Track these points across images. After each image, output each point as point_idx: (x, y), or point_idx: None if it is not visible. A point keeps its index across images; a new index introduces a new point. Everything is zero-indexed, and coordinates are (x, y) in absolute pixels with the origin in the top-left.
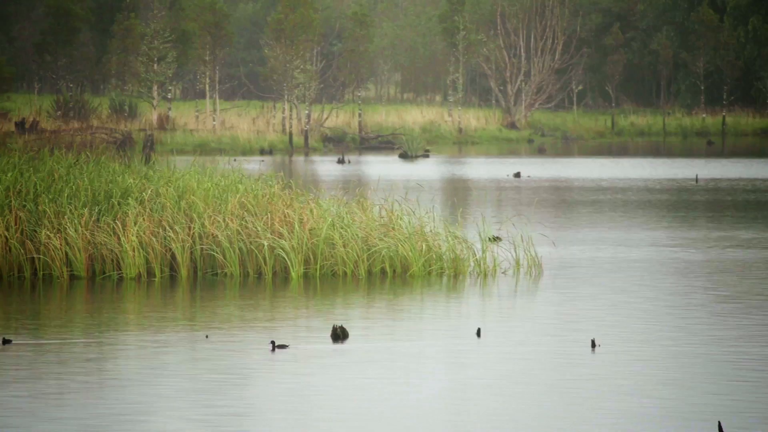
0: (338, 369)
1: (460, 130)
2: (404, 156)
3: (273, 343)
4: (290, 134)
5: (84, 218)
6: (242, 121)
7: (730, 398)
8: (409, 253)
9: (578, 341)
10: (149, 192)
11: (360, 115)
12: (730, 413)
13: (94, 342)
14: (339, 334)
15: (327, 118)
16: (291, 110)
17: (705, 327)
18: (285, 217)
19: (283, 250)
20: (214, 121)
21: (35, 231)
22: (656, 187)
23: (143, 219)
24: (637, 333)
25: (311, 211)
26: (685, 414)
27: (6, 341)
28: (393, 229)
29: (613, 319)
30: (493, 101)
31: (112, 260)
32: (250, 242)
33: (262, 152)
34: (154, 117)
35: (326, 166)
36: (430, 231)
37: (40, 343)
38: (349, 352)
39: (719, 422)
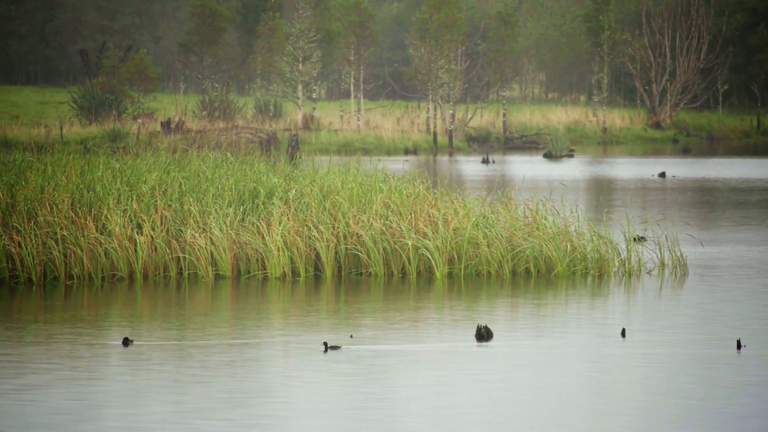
0: (482, 369)
1: (604, 130)
2: (549, 156)
3: (326, 344)
4: (435, 134)
5: (229, 218)
6: (387, 121)
7: None
8: (554, 253)
9: (723, 342)
10: (294, 192)
11: (504, 114)
12: None
13: (238, 344)
14: (483, 334)
15: (471, 118)
16: (435, 110)
17: None
18: (429, 216)
19: (428, 250)
20: (358, 121)
21: (181, 230)
22: None
23: (288, 219)
24: None
25: (455, 210)
26: None
27: (127, 342)
28: (537, 229)
29: (759, 319)
30: (638, 101)
31: (257, 260)
32: (395, 242)
33: (406, 152)
34: (299, 117)
35: (471, 166)
36: (575, 231)
37: (183, 344)
38: (493, 351)
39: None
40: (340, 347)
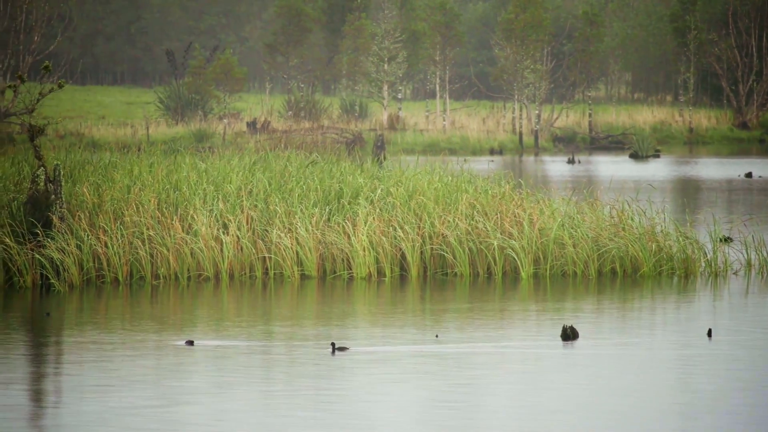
0: (567, 368)
1: (690, 130)
2: (635, 156)
3: (333, 345)
4: (520, 134)
5: (315, 218)
6: (472, 121)
7: None
8: (640, 253)
9: None
10: (379, 192)
11: (590, 114)
12: None
13: (324, 345)
14: (569, 334)
15: (557, 118)
16: (521, 110)
17: None
18: (515, 217)
19: (513, 250)
20: (444, 121)
21: (266, 231)
22: None
23: (373, 219)
24: None
25: (541, 211)
26: None
27: (189, 342)
28: (623, 229)
29: None
30: (725, 101)
31: (343, 260)
32: (480, 242)
33: (492, 152)
34: (385, 117)
35: (556, 166)
36: (661, 231)
37: (268, 345)
38: (578, 352)
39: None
40: (348, 348)
